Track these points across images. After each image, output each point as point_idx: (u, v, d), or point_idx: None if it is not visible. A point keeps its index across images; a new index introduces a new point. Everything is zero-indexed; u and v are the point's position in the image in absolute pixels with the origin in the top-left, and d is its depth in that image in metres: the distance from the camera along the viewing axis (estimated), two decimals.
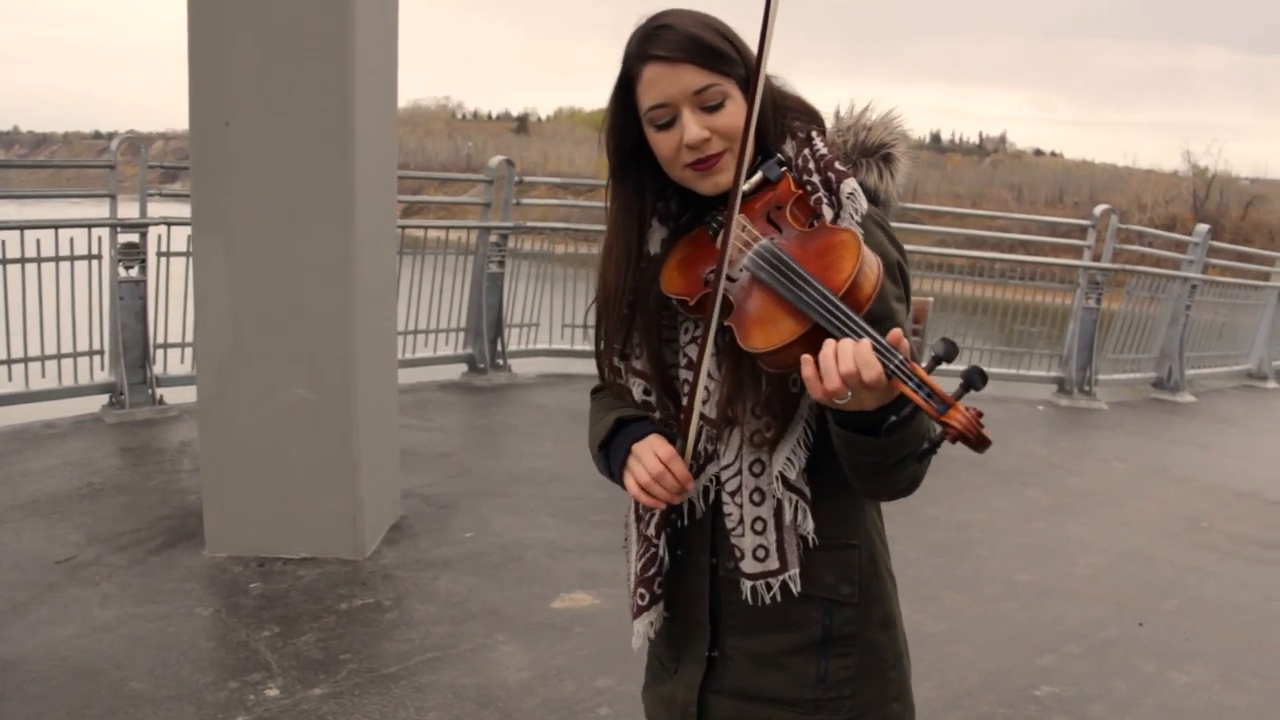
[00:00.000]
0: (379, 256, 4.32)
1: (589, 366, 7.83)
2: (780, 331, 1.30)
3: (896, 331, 1.24)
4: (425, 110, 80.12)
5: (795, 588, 1.46)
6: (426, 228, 7.62)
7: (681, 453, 1.44)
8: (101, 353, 6.34)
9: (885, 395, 1.24)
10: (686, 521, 1.52)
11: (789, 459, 1.44)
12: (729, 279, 1.39)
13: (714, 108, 1.43)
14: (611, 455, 1.51)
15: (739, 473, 1.46)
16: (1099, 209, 8.82)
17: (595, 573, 4.23)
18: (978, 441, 1.19)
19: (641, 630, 1.58)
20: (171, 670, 3.27)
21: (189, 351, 6.55)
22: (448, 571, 4.13)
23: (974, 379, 1.19)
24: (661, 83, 1.43)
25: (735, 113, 1.43)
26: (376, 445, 4.32)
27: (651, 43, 1.43)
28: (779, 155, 1.47)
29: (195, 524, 4.34)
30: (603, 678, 3.36)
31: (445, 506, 4.93)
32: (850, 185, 1.43)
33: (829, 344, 1.24)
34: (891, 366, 1.22)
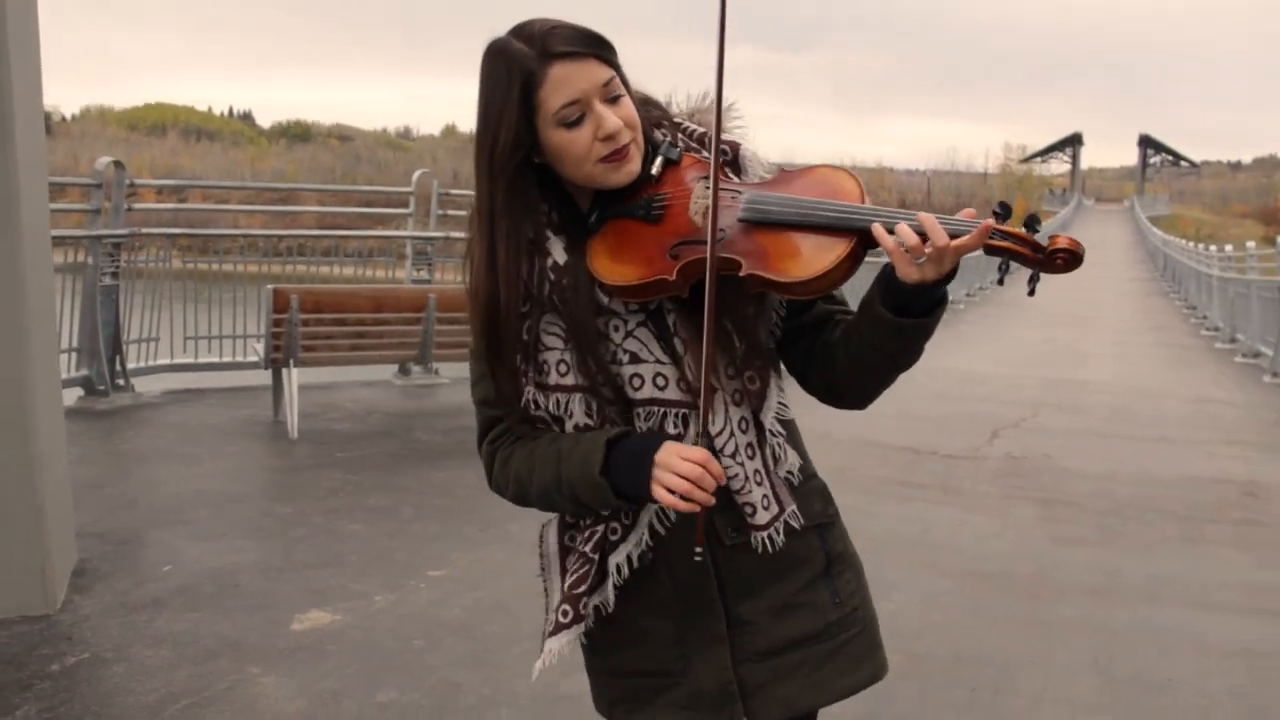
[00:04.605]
0: (41, 272, 3.82)
1: (218, 380, 7.40)
2: (827, 253, 1.38)
3: (970, 210, 1.37)
4: None
5: (798, 522, 1.54)
6: None
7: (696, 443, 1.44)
8: None
9: (952, 262, 1.34)
10: (673, 518, 1.51)
11: (780, 403, 1.53)
12: (702, 242, 1.42)
13: (616, 99, 1.46)
14: (621, 477, 1.43)
15: (731, 434, 1.50)
16: None
17: (322, 589, 4.02)
18: (1080, 255, 1.32)
19: (552, 650, 1.55)
20: None
21: None
22: (163, 610, 3.75)
23: (1034, 220, 1.33)
24: (574, 78, 1.42)
25: (630, 104, 1.48)
26: (55, 483, 3.83)
27: (551, 41, 1.42)
28: (665, 141, 1.53)
29: None
30: (382, 692, 3.23)
31: (125, 542, 4.46)
32: (749, 149, 1.55)
33: (907, 226, 1.34)
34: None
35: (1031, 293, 1.38)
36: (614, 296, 1.48)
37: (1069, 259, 1.32)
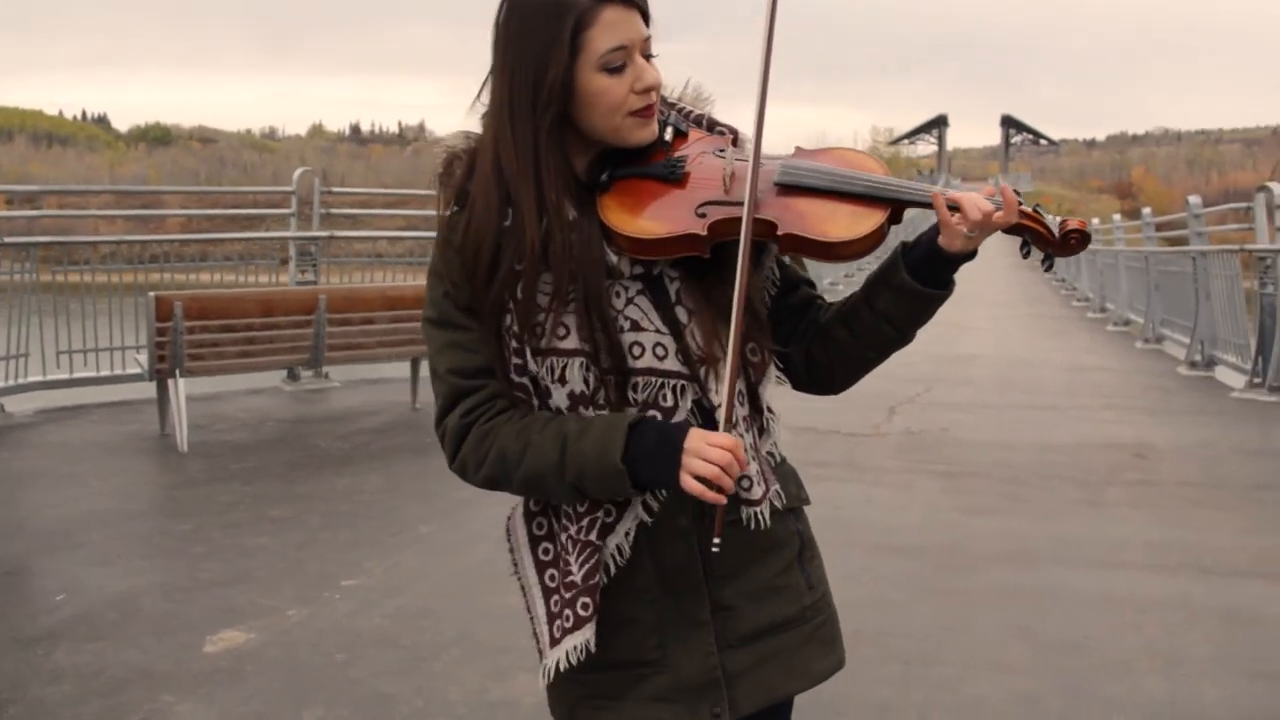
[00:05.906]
0: None
1: (97, 395, 7.10)
2: (865, 220, 1.41)
3: (989, 187, 1.43)
4: None
5: (781, 502, 1.51)
6: None
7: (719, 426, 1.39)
8: None
9: (991, 233, 1.42)
10: (663, 497, 1.45)
11: (776, 380, 1.53)
12: (732, 203, 1.41)
13: (648, 58, 1.43)
14: (642, 465, 1.37)
15: (735, 406, 1.45)
16: None
17: (232, 607, 3.85)
18: (1089, 236, 1.45)
19: (577, 645, 1.44)
20: None
21: None
22: (61, 643, 3.53)
23: (1036, 208, 1.44)
24: (623, 25, 1.39)
25: (658, 67, 1.45)
26: None
27: None
28: (670, 113, 1.51)
29: None
30: (309, 710, 3.10)
31: (11, 572, 4.21)
32: (745, 133, 1.51)
33: (962, 196, 1.40)
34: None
35: (1049, 269, 1.53)
36: (628, 252, 1.43)
37: (1080, 239, 1.42)
